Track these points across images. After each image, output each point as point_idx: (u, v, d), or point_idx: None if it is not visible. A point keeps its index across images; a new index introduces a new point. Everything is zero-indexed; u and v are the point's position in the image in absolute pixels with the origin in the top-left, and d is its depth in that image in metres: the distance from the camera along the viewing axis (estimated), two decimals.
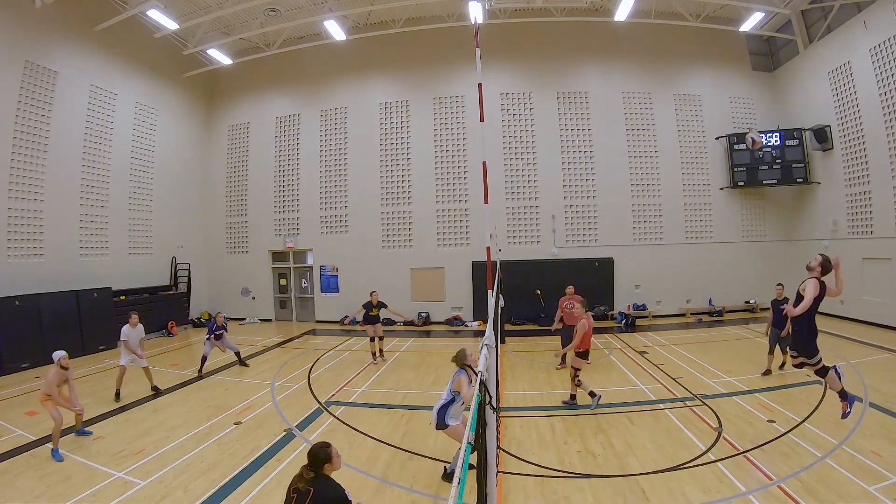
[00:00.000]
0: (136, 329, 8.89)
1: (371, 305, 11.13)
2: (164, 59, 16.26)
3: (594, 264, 15.55)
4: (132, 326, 8.84)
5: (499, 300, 9.11)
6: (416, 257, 16.65)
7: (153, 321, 14.88)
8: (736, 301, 15.82)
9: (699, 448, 5.87)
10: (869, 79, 12.61)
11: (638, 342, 12.34)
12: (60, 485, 5.33)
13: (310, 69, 17.53)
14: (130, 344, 8.74)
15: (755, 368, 9.27)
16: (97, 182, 14.08)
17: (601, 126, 16.22)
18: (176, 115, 17.24)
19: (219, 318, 10.58)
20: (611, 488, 5.01)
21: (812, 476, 5.00)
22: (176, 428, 7.06)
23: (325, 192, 17.47)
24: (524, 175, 16.35)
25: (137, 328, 8.91)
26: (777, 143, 15.37)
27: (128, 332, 8.77)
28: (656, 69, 16.37)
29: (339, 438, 6.59)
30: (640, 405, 7.57)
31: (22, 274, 11.71)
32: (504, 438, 6.34)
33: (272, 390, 8.99)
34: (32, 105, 12.10)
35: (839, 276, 5.57)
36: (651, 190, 16.22)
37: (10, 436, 6.85)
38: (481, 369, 3.21)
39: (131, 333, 8.80)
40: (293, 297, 18.05)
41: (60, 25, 12.79)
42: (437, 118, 16.79)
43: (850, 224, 13.70)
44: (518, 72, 16.62)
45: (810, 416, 6.71)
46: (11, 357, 10.79)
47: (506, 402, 7.89)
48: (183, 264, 17.04)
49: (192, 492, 5.12)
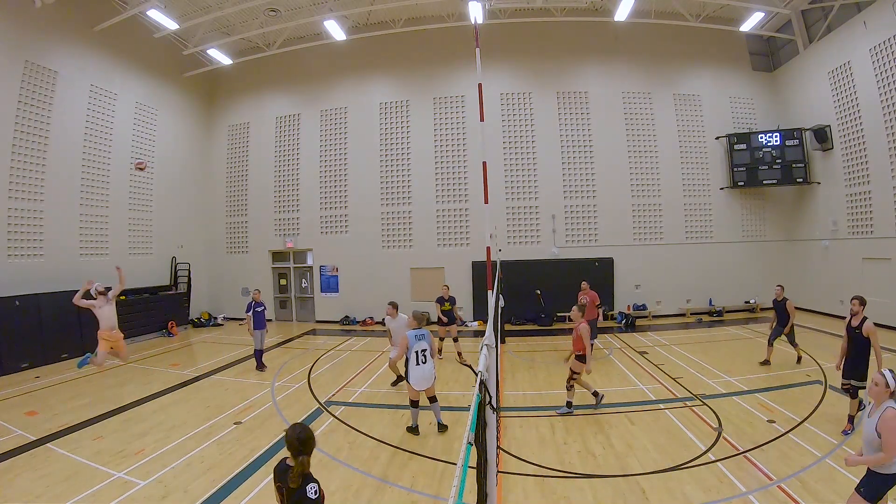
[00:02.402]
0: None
1: (443, 300, 10.80)
2: (164, 59, 16.26)
3: (594, 264, 15.54)
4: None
5: (499, 300, 9.12)
6: (416, 257, 16.65)
7: (153, 321, 14.90)
8: (736, 301, 15.83)
9: (699, 448, 5.87)
10: (869, 79, 12.61)
11: (638, 342, 12.34)
12: (60, 485, 5.32)
13: (310, 69, 17.53)
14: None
15: (755, 368, 9.29)
16: (97, 182, 14.08)
17: (601, 126, 16.22)
18: (176, 115, 17.24)
19: (256, 295, 10.58)
20: (611, 488, 5.01)
21: (812, 476, 5.00)
22: (176, 428, 7.06)
23: (325, 192, 17.46)
24: (524, 175, 16.35)
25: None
26: (777, 143, 15.37)
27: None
28: (656, 69, 16.37)
29: (339, 438, 6.60)
30: (640, 405, 7.58)
31: (22, 274, 11.71)
32: (504, 438, 6.34)
33: (272, 390, 8.99)
34: (32, 105, 12.10)
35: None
36: (651, 190, 16.21)
37: (10, 436, 6.84)
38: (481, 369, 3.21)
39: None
40: (293, 297, 18.05)
41: (60, 25, 12.79)
42: (437, 118, 16.79)
43: (850, 224, 13.70)
44: (518, 72, 16.62)
45: (810, 416, 6.70)
46: (11, 357, 10.79)
47: (506, 402, 7.89)
48: (183, 264, 17.03)
49: (192, 492, 5.12)
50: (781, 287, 9.44)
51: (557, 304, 15.31)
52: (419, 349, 6.52)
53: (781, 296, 9.24)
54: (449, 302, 10.86)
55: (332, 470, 5.64)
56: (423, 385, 6.55)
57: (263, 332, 10.52)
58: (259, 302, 10.52)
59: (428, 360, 6.55)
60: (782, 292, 9.30)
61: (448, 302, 10.84)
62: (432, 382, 6.63)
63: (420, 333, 6.61)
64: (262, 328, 10.45)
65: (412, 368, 6.53)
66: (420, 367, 6.51)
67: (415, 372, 6.52)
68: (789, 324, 9.08)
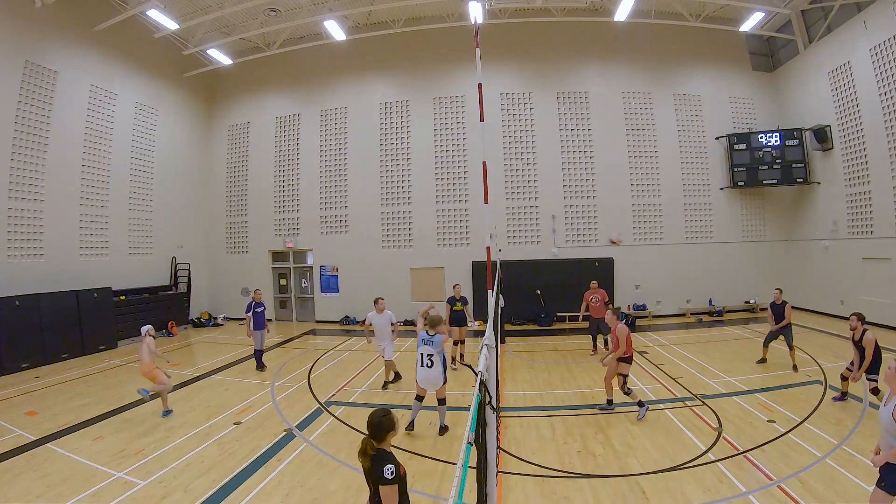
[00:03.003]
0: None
1: (454, 300, 10.35)
2: (164, 59, 16.26)
3: (594, 264, 15.53)
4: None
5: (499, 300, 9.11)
6: (416, 257, 16.65)
7: (153, 321, 14.79)
8: (736, 301, 15.82)
9: (699, 448, 5.87)
10: (869, 79, 12.61)
11: (638, 342, 12.31)
12: (60, 485, 5.32)
13: (310, 69, 17.53)
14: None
15: (755, 368, 9.29)
16: (97, 182, 14.08)
17: (601, 126, 16.22)
18: (176, 116, 17.24)
19: (256, 295, 10.55)
20: (611, 488, 5.01)
21: (812, 476, 5.00)
22: (176, 428, 7.06)
23: (324, 192, 17.46)
24: (524, 175, 16.35)
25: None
26: (777, 143, 15.37)
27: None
28: (656, 69, 16.37)
29: (340, 438, 6.60)
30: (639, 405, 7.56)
31: (22, 274, 11.71)
32: (504, 438, 6.34)
33: (272, 390, 8.98)
34: (32, 105, 12.10)
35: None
36: (651, 190, 16.21)
37: (10, 436, 6.84)
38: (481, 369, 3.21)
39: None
40: (293, 297, 18.05)
41: (60, 25, 12.79)
42: (437, 118, 16.78)
43: (850, 224, 13.69)
44: (518, 72, 16.62)
45: (810, 416, 6.70)
46: (11, 357, 10.79)
47: (506, 402, 7.89)
48: (183, 264, 17.03)
49: (192, 492, 5.12)
50: (780, 290, 9.42)
51: (557, 305, 15.35)
52: (425, 352, 6.50)
53: (780, 299, 9.23)
54: (460, 302, 10.32)
55: (332, 470, 5.64)
56: (427, 387, 6.59)
57: (263, 332, 10.52)
58: (259, 302, 10.51)
59: (435, 364, 6.48)
60: (781, 295, 9.28)
61: (459, 302, 10.31)
62: (440, 386, 6.61)
63: (428, 339, 6.55)
64: (261, 328, 10.45)
65: (418, 369, 6.59)
66: (425, 369, 6.51)
67: (419, 373, 6.58)
68: (783, 323, 9.03)
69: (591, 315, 11.04)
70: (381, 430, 3.11)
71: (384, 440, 3.13)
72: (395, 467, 3.00)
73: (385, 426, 3.12)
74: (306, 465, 5.79)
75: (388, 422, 3.13)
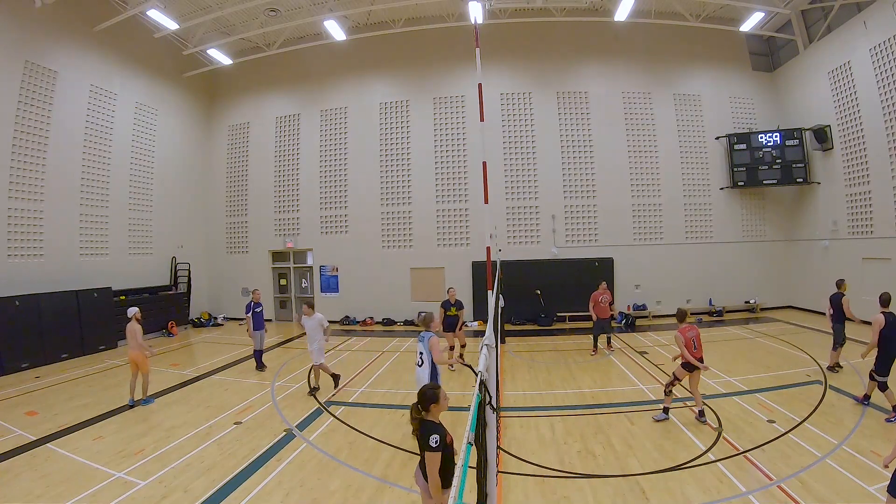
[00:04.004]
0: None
1: (449, 304, 9.98)
2: (164, 59, 16.26)
3: (594, 264, 15.53)
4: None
5: (499, 300, 9.10)
6: (416, 257, 16.65)
7: (153, 321, 14.87)
8: (736, 301, 15.82)
9: (699, 448, 5.88)
10: (869, 79, 12.61)
11: (638, 342, 12.33)
12: (60, 485, 5.33)
13: (310, 69, 17.53)
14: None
15: (755, 368, 9.28)
16: (97, 182, 14.08)
17: (601, 126, 16.22)
18: (176, 116, 17.23)
19: (255, 296, 10.56)
20: (611, 488, 5.01)
21: (812, 476, 5.00)
22: (176, 428, 7.06)
23: (324, 192, 17.46)
24: (524, 175, 16.35)
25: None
26: (777, 143, 15.37)
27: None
28: (656, 69, 16.36)
29: (340, 438, 6.60)
30: (640, 405, 7.59)
31: (22, 274, 11.70)
32: (504, 438, 6.34)
33: (272, 390, 8.99)
34: (32, 105, 12.09)
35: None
36: (651, 190, 16.21)
37: (10, 436, 6.84)
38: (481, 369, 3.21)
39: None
40: (293, 297, 18.05)
41: (60, 25, 12.78)
42: (437, 118, 16.78)
43: (850, 224, 13.69)
44: (518, 72, 16.62)
45: (810, 416, 6.71)
46: (11, 357, 10.79)
47: (506, 402, 7.89)
48: (183, 264, 17.03)
49: (192, 492, 5.13)
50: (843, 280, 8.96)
51: (557, 305, 15.35)
52: (417, 350, 6.52)
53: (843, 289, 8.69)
54: (455, 306, 9.97)
55: (332, 470, 5.65)
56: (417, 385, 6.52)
57: (263, 332, 10.52)
58: (258, 302, 10.51)
59: (424, 363, 6.35)
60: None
61: (454, 307, 9.96)
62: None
63: (420, 336, 6.59)
64: (261, 329, 10.44)
65: (415, 368, 6.55)
66: (417, 368, 6.50)
67: (416, 372, 6.54)
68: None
69: (599, 316, 11.00)
70: (425, 400, 3.43)
71: (429, 411, 3.42)
72: (441, 437, 3.26)
73: (428, 397, 3.43)
74: (306, 465, 5.79)
75: (431, 394, 3.44)
